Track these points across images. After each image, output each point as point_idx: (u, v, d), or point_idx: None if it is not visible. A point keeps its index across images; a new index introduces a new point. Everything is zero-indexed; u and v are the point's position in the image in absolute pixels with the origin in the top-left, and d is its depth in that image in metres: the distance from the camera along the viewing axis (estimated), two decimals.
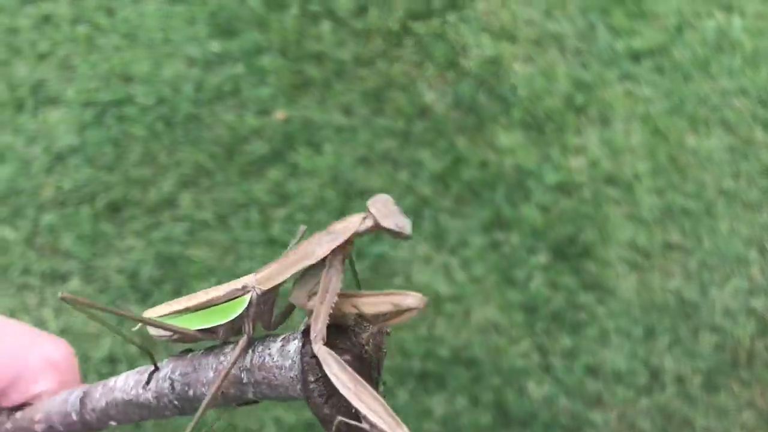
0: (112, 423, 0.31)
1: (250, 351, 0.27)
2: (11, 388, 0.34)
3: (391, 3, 1.53)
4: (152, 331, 0.29)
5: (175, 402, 0.28)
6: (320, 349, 0.24)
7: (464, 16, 1.52)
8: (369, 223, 0.26)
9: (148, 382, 0.29)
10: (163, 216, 1.25)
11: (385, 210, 0.26)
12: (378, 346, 0.25)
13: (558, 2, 1.54)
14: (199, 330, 0.29)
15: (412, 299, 0.25)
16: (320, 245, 0.26)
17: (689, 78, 1.43)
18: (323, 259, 0.26)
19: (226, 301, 0.29)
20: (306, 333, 0.26)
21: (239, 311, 0.28)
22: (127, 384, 0.31)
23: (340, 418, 0.23)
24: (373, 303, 0.26)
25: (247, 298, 0.28)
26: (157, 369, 0.29)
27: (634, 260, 1.20)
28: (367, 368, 0.25)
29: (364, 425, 0.24)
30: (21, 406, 0.34)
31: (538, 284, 1.17)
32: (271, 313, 0.28)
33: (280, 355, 0.26)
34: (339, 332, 0.26)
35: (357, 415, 0.24)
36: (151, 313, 0.30)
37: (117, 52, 1.46)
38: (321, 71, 1.43)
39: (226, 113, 1.36)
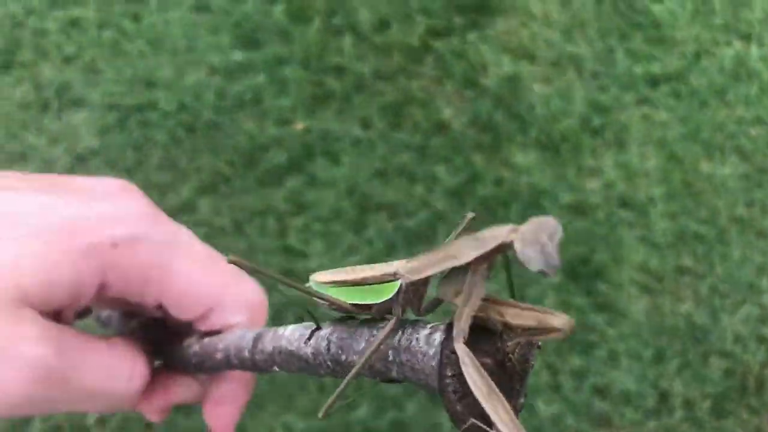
0: (275, 369, 0.33)
1: (399, 332, 0.27)
2: (211, 314, 0.37)
3: (413, 19, 1.55)
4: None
5: (329, 363, 0.30)
6: (460, 347, 0.24)
7: (484, 35, 1.54)
8: (510, 240, 0.24)
9: (309, 338, 0.31)
10: (182, 221, 1.26)
11: (532, 237, 0.22)
12: (525, 357, 0.25)
13: (577, 24, 1.56)
14: (353, 304, 0.30)
15: (558, 320, 0.24)
16: (465, 250, 0.25)
17: (706, 105, 1.44)
18: (468, 263, 0.25)
19: (379, 283, 0.29)
20: (450, 327, 0.25)
21: (390, 295, 0.28)
22: (292, 335, 0.32)
23: (473, 420, 0.23)
24: (518, 314, 0.25)
25: (396, 284, 0.28)
26: (318, 328, 0.30)
27: (646, 283, 1.21)
28: (509, 377, 0.25)
29: None
30: (211, 333, 0.38)
31: (550, 303, 1.18)
32: (420, 302, 0.28)
33: (426, 342, 0.25)
34: (484, 335, 0.25)
35: (490, 422, 0.23)
36: (315, 278, 0.32)
37: (141, 57, 1.48)
38: (341, 84, 1.45)
39: (246, 122, 1.38)
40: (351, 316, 0.31)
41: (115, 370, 0.35)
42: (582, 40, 1.53)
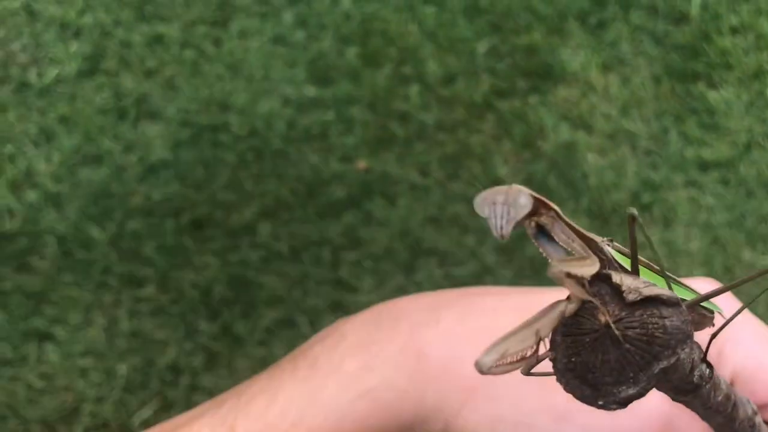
0: None
1: None
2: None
3: (478, 77, 1.62)
4: None
5: None
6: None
7: (545, 100, 1.60)
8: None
9: None
10: (242, 240, 1.32)
11: (489, 195, 0.21)
12: (649, 336, 0.22)
13: (635, 102, 1.62)
14: None
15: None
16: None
17: (752, 195, 1.49)
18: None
19: None
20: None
21: None
22: None
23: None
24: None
25: None
26: None
27: None
28: (622, 353, 0.21)
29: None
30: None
31: None
32: None
33: None
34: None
35: None
36: None
37: (219, 80, 1.56)
38: (404, 130, 1.52)
39: (312, 154, 1.45)
40: None
41: None
42: (638, 118, 1.59)
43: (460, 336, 0.37)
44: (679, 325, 0.19)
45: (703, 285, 0.36)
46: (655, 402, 0.33)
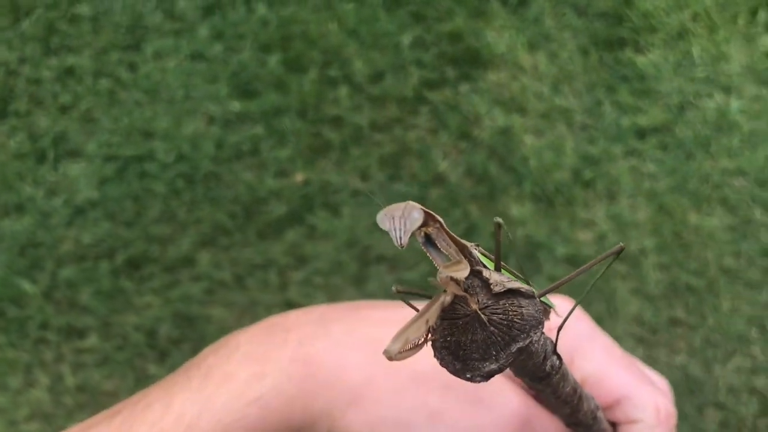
0: None
1: None
2: (617, 406, 0.40)
3: (406, 70, 1.59)
4: None
5: None
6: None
7: (476, 87, 1.58)
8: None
9: None
10: (182, 274, 1.26)
11: (388, 210, 0.25)
12: (509, 322, 0.26)
13: (565, 78, 1.60)
14: None
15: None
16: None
17: (691, 156, 1.49)
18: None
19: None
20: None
21: None
22: None
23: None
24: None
25: None
26: None
27: (641, 335, 1.24)
28: (487, 334, 0.26)
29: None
30: (614, 424, 0.40)
31: None
32: None
33: None
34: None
35: None
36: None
37: (138, 107, 1.49)
38: (339, 135, 1.47)
39: (245, 173, 1.40)
40: None
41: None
42: (570, 93, 1.58)
43: (348, 346, 0.40)
44: (533, 314, 0.23)
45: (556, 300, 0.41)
46: (516, 403, 0.38)
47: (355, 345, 0.40)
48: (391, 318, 0.41)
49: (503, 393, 0.39)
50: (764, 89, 1.63)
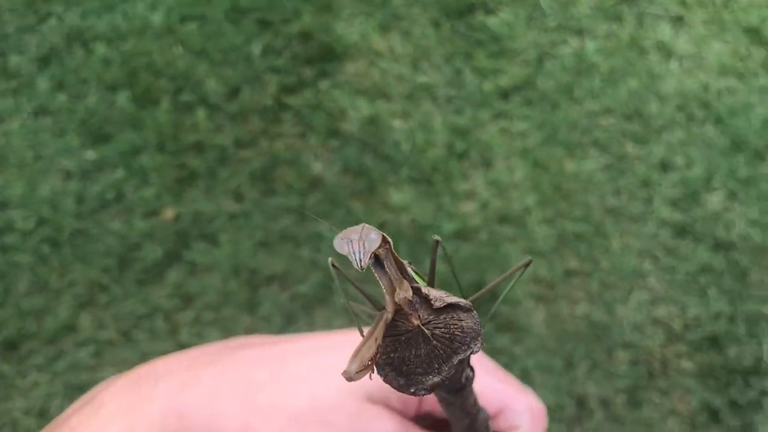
0: None
1: None
2: (500, 415, 0.42)
3: (262, 80, 1.54)
4: None
5: None
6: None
7: (336, 81, 1.54)
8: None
9: None
10: (65, 343, 1.19)
11: (344, 234, 0.26)
12: (451, 336, 0.27)
13: (422, 54, 1.59)
14: None
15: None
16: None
17: (557, 106, 1.50)
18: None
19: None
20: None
21: None
22: None
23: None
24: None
25: None
26: None
27: (540, 293, 1.24)
28: (431, 350, 0.26)
29: None
30: None
31: None
32: None
33: None
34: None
35: None
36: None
37: None
38: (203, 161, 1.42)
39: (112, 222, 1.33)
40: None
41: None
42: (430, 68, 1.57)
43: (221, 392, 0.39)
44: (473, 326, 0.24)
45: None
46: (393, 429, 0.39)
47: (229, 391, 0.39)
48: (264, 356, 0.41)
49: (380, 421, 0.39)
50: (615, 25, 1.66)
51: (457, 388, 0.30)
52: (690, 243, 1.30)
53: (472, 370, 0.31)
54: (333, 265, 0.28)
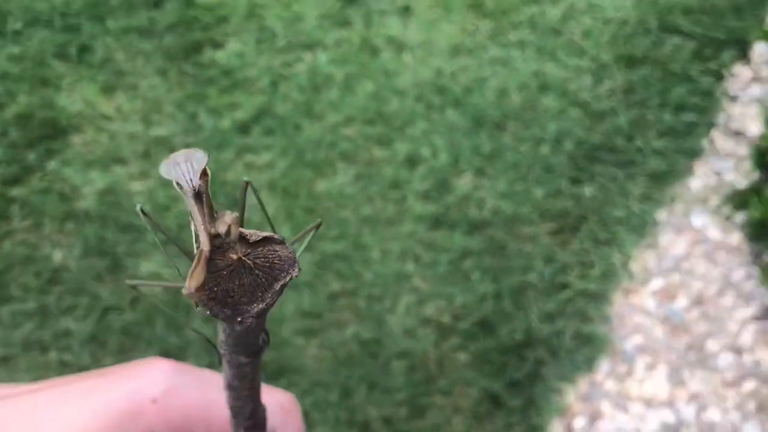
0: None
1: None
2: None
3: None
4: None
5: None
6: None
7: (65, 158, 1.44)
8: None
9: None
10: None
11: (172, 159, 0.26)
12: (271, 265, 0.27)
13: (153, 107, 1.51)
14: None
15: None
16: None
17: (299, 127, 1.47)
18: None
19: None
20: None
21: None
22: None
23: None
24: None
25: None
26: None
27: (307, 327, 1.19)
28: (253, 278, 0.27)
29: None
30: None
31: None
32: None
33: None
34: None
35: None
36: None
37: None
38: None
39: None
40: None
41: None
42: (163, 119, 1.49)
43: None
44: (288, 255, 0.26)
45: None
46: None
47: None
48: (15, 415, 0.36)
49: None
50: (344, 30, 1.65)
51: (255, 350, 0.31)
52: (446, 232, 1.29)
53: (267, 334, 0.32)
54: (142, 212, 0.27)
